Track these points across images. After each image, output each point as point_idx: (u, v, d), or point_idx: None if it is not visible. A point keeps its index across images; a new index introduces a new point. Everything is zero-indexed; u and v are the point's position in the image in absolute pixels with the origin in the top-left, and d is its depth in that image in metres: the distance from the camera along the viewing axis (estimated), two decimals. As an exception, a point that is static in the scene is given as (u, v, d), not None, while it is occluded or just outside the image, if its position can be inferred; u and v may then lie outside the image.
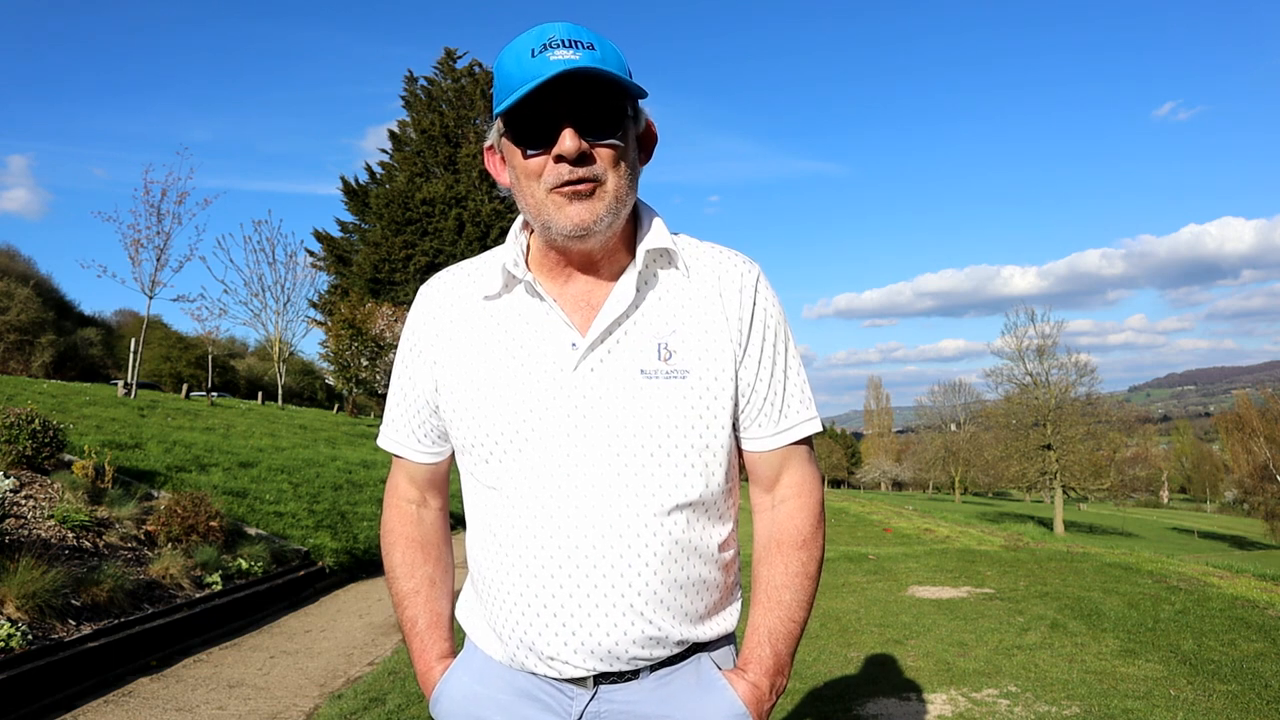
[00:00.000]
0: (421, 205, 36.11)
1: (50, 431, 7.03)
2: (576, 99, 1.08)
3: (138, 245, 17.76)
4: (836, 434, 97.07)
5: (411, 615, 1.35)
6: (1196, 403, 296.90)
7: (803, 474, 1.29)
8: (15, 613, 4.48)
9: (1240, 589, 6.52)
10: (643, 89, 1.13)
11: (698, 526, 1.19)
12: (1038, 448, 36.23)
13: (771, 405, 1.24)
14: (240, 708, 4.34)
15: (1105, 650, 4.82)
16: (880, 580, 7.30)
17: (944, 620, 5.66)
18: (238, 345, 50.15)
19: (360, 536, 8.97)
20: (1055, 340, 38.08)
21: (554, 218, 1.12)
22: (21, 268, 40.18)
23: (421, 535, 1.38)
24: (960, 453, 60.34)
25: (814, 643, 5.04)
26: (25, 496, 6.19)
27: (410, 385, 1.31)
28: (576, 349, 1.17)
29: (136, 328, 23.53)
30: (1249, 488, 47.62)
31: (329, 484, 10.86)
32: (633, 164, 1.16)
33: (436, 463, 1.37)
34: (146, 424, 11.94)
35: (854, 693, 4.16)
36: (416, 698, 4.23)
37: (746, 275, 1.24)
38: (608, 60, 1.09)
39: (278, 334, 28.35)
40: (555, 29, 1.09)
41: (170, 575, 5.84)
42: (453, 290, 1.28)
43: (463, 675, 1.29)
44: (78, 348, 38.82)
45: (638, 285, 1.19)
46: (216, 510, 6.91)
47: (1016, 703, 3.95)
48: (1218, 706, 3.83)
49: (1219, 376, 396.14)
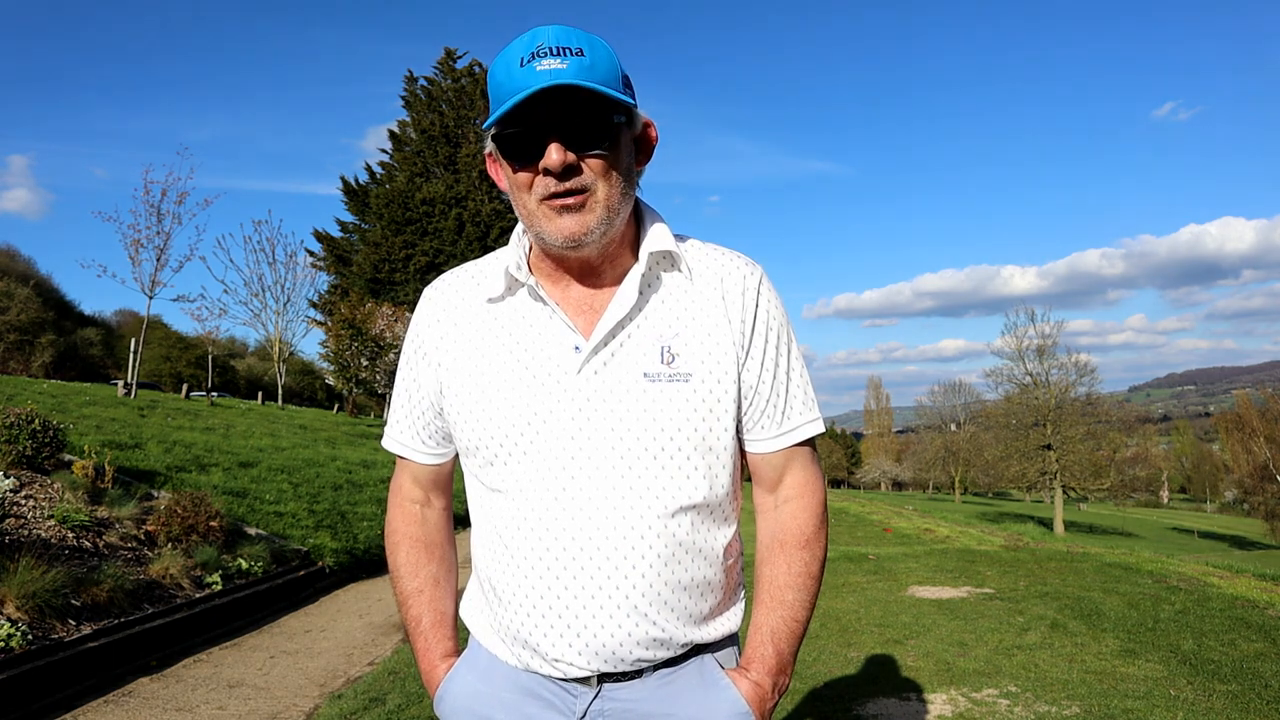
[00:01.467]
0: (421, 205, 36.12)
1: (50, 431, 7.03)
2: (562, 112, 1.07)
3: (138, 245, 17.77)
4: (836, 434, 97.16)
5: (416, 614, 1.36)
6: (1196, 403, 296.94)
7: (806, 475, 1.29)
8: (15, 613, 4.48)
9: (1240, 589, 6.53)
10: (629, 100, 1.11)
11: (701, 528, 1.20)
12: (1038, 448, 36.25)
13: (774, 407, 1.24)
14: (240, 708, 4.34)
15: (1105, 650, 4.83)
16: (880, 580, 7.30)
17: (944, 620, 5.66)
18: (238, 345, 50.23)
19: (360, 536, 8.98)
20: (1055, 340, 38.18)
21: (545, 229, 1.12)
22: (21, 268, 40.22)
23: (425, 535, 1.39)
24: (960, 453, 60.38)
25: (814, 643, 5.05)
26: (25, 496, 6.19)
27: (415, 388, 1.31)
28: (580, 352, 1.17)
29: (136, 328, 23.54)
30: (1249, 488, 47.65)
31: (329, 484, 10.86)
32: (626, 170, 1.15)
33: (441, 464, 1.37)
34: (146, 424, 11.94)
35: (854, 693, 4.17)
36: (417, 697, 4.23)
37: (749, 277, 1.24)
38: (597, 66, 1.08)
39: (278, 334, 28.36)
40: (546, 34, 1.08)
41: (170, 575, 5.84)
42: (456, 293, 1.29)
43: (467, 674, 1.29)
44: (78, 348, 38.83)
45: (640, 288, 1.19)
46: (216, 510, 6.91)
47: (1016, 703, 3.96)
48: (1218, 706, 3.83)
49: (1219, 376, 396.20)
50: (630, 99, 1.13)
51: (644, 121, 1.20)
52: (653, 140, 1.23)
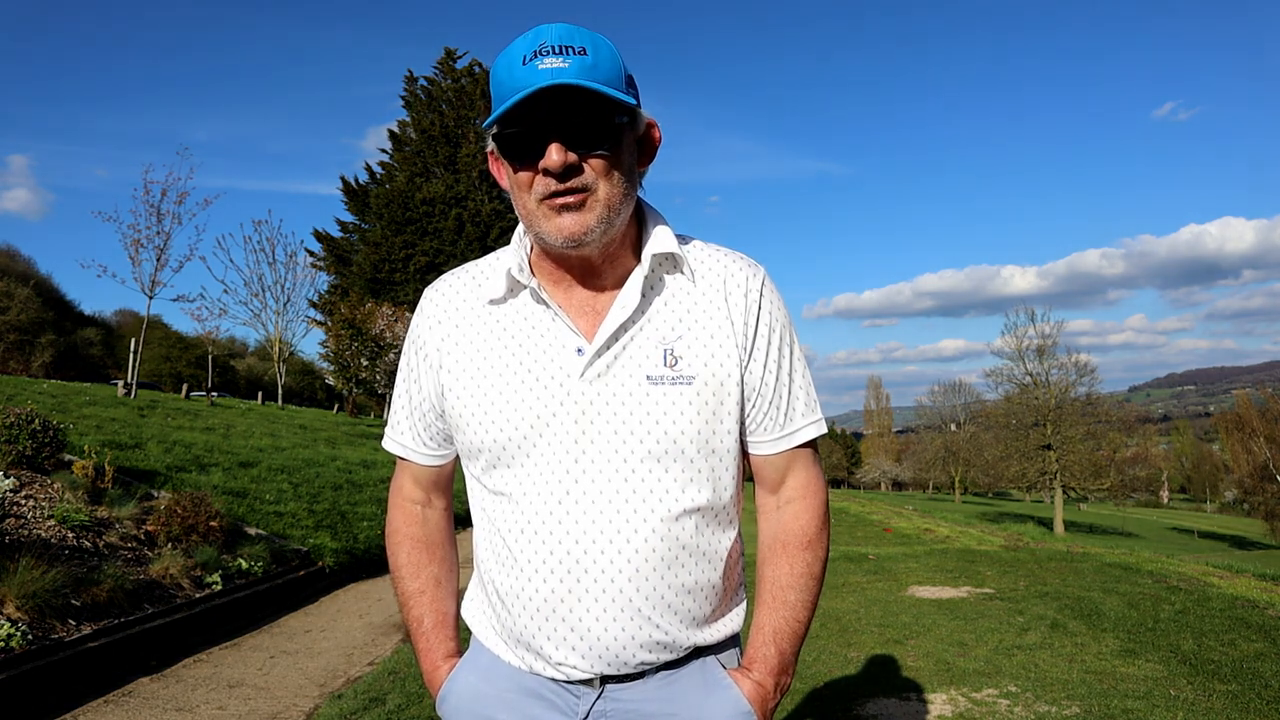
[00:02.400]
0: (421, 205, 36.11)
1: (50, 431, 7.03)
2: (563, 111, 1.06)
3: (138, 245, 17.73)
4: (836, 434, 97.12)
5: (417, 615, 1.36)
6: (1196, 403, 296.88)
7: (808, 476, 1.29)
8: (15, 613, 4.48)
9: (1240, 589, 6.53)
10: (631, 99, 1.11)
11: (704, 531, 1.19)
12: (1038, 448, 36.25)
13: (777, 409, 1.24)
14: (240, 708, 4.34)
15: (1105, 650, 4.83)
16: (880, 580, 7.30)
17: (944, 620, 5.66)
18: (238, 345, 50.23)
19: (360, 536, 8.97)
20: (1055, 340, 38.17)
21: (545, 229, 1.12)
22: (21, 268, 40.24)
23: (426, 535, 1.39)
24: (960, 453, 60.35)
25: (814, 643, 5.04)
26: (25, 496, 6.19)
27: (415, 389, 1.31)
28: (582, 355, 1.16)
29: (136, 328, 23.53)
30: (1249, 488, 47.61)
31: (329, 484, 10.86)
32: (628, 170, 1.14)
33: (441, 465, 1.37)
34: (146, 424, 11.93)
35: (854, 693, 4.17)
36: (417, 697, 4.23)
37: (752, 279, 1.24)
38: (600, 66, 1.07)
39: (278, 334, 28.35)
40: (549, 33, 1.07)
41: (170, 575, 5.84)
42: (457, 294, 1.28)
43: (469, 674, 1.29)
44: (78, 348, 38.84)
45: (643, 290, 1.18)
46: (216, 510, 6.91)
47: (1016, 703, 3.96)
48: (1218, 706, 3.83)
49: (1219, 376, 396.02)
50: (633, 99, 1.12)
51: (647, 122, 1.19)
52: (656, 141, 1.22)
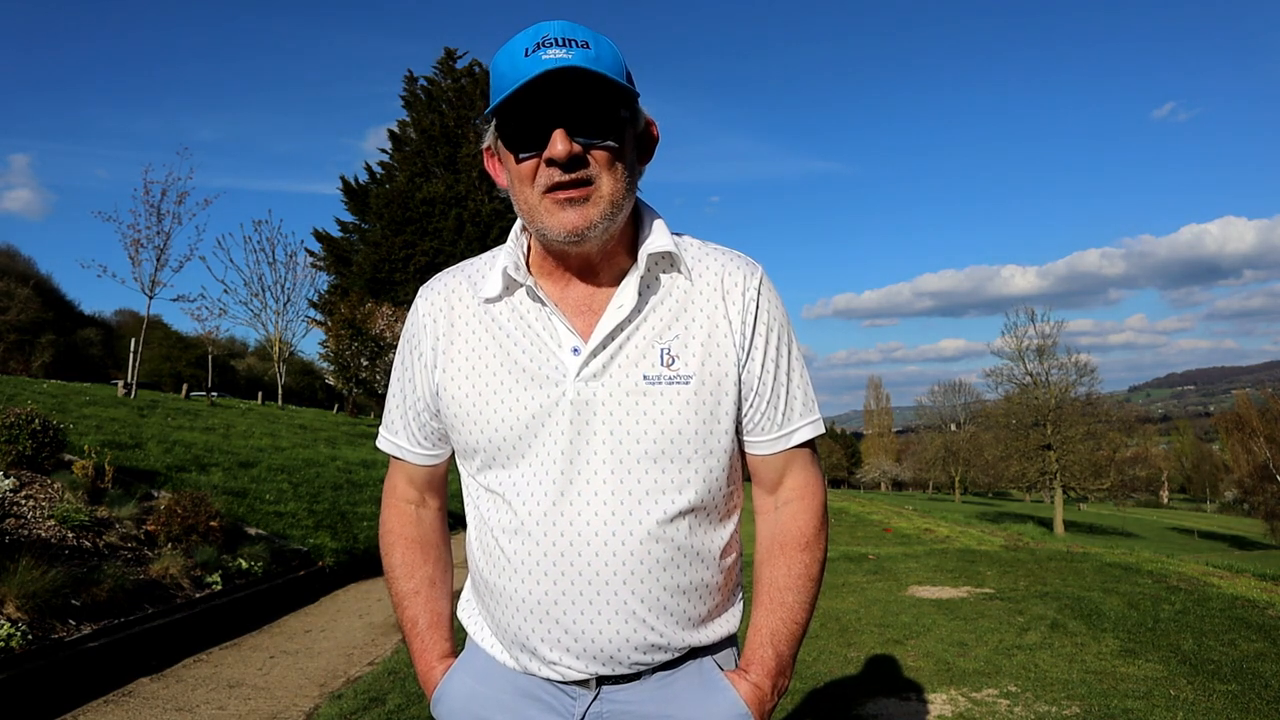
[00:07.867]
0: (421, 205, 36.10)
1: (50, 431, 7.02)
2: (568, 100, 1.06)
3: (138, 245, 17.72)
4: (836, 434, 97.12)
5: (412, 615, 1.35)
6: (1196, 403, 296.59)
7: (806, 476, 1.28)
8: (15, 613, 4.48)
9: (1240, 589, 6.52)
10: (634, 90, 1.10)
11: (700, 532, 1.19)
12: (1038, 448, 36.23)
13: (774, 409, 1.23)
14: (240, 708, 4.34)
15: (1105, 650, 4.82)
16: (880, 580, 7.30)
17: (944, 620, 5.66)
18: (238, 345, 50.16)
19: (360, 536, 8.97)
20: (1055, 340, 38.17)
21: (547, 222, 1.10)
22: (21, 267, 40.24)
23: (421, 535, 1.38)
24: (960, 453, 60.31)
25: (814, 643, 5.04)
26: (25, 496, 6.19)
27: (410, 388, 1.30)
28: (579, 355, 1.16)
29: (136, 327, 23.50)
30: (1249, 488, 47.58)
31: (329, 484, 10.86)
32: (630, 165, 1.14)
33: (436, 464, 1.36)
34: (146, 424, 11.93)
35: (854, 693, 4.16)
36: (416, 698, 4.23)
37: (750, 278, 1.23)
38: (602, 59, 1.06)
39: (278, 334, 28.33)
40: (550, 27, 1.07)
41: (170, 575, 5.84)
42: (453, 293, 1.27)
43: (464, 675, 1.29)
44: (78, 348, 38.85)
45: (640, 290, 1.18)
46: (216, 510, 6.91)
47: (1016, 703, 3.95)
48: (1218, 706, 3.83)
49: (1219, 376, 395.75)
50: (633, 91, 1.11)
51: (646, 119, 1.19)
52: (654, 139, 1.22)
